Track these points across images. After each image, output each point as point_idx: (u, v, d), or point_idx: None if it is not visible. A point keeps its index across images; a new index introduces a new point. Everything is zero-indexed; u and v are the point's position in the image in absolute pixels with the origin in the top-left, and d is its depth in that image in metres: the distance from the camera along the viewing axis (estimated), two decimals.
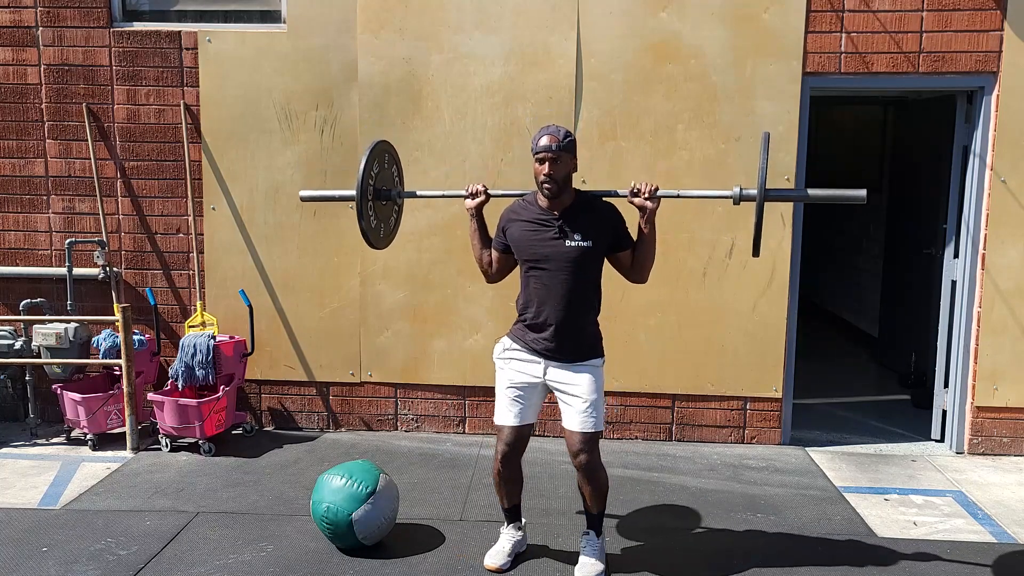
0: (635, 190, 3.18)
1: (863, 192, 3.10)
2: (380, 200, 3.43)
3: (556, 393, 3.31)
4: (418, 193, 3.67)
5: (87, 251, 5.10)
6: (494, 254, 3.38)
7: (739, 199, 3.17)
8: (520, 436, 3.29)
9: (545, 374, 3.28)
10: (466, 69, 4.80)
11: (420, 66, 4.82)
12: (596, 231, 3.19)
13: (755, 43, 4.66)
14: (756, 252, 3.13)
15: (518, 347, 3.31)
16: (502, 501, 3.48)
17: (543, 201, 3.22)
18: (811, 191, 3.23)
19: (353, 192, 3.29)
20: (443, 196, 3.74)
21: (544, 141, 3.12)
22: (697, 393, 4.97)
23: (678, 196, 3.34)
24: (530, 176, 4.79)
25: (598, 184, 4.79)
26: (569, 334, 3.24)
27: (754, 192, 3.10)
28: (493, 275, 3.44)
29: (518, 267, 3.36)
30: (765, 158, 3.02)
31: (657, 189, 3.18)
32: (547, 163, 3.12)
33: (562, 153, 3.12)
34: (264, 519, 3.90)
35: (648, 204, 3.16)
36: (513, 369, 3.31)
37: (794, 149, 4.71)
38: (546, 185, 3.15)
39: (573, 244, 3.16)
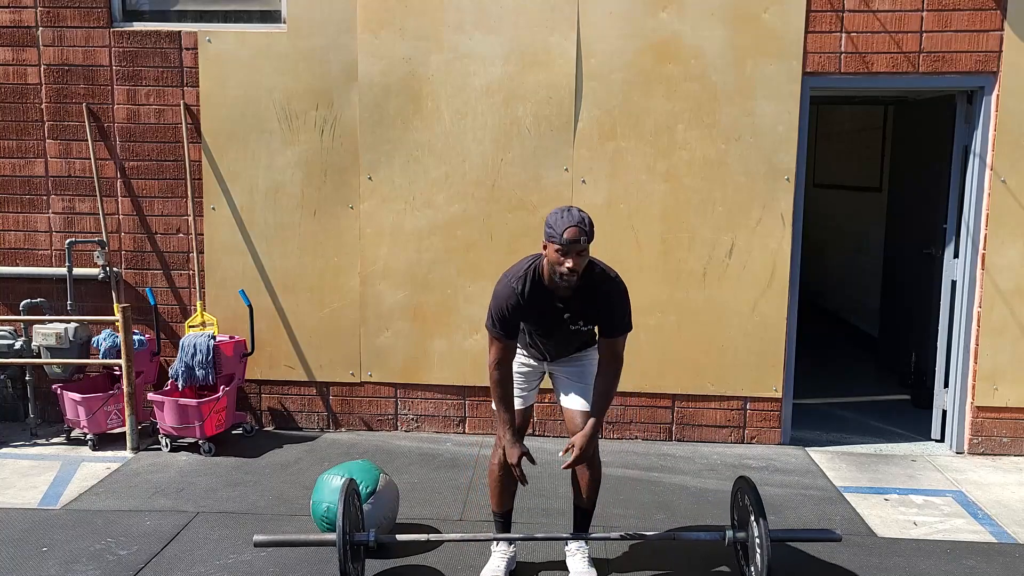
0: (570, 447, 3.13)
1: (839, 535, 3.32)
2: (356, 543, 3.15)
3: (556, 377, 3.40)
4: (397, 539, 3.30)
5: (87, 251, 5.10)
6: (507, 346, 3.15)
7: (730, 543, 3.25)
8: (524, 419, 3.35)
9: (546, 364, 3.40)
10: (466, 69, 4.80)
11: (420, 66, 4.82)
12: (597, 318, 3.17)
13: (755, 43, 4.66)
14: None
15: (518, 345, 3.34)
16: (497, 502, 3.43)
17: (551, 284, 3.05)
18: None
19: (327, 536, 3.10)
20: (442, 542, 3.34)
21: (571, 234, 2.87)
22: (697, 393, 4.97)
23: (673, 539, 3.50)
24: (528, 178, 4.86)
25: (598, 183, 4.83)
26: (568, 355, 3.37)
27: (743, 535, 3.22)
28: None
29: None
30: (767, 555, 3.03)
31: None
32: (572, 257, 2.90)
33: (588, 244, 2.93)
34: (264, 519, 3.90)
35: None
36: (515, 360, 3.35)
37: (794, 149, 4.72)
38: (567, 278, 2.94)
39: (575, 328, 3.19)
